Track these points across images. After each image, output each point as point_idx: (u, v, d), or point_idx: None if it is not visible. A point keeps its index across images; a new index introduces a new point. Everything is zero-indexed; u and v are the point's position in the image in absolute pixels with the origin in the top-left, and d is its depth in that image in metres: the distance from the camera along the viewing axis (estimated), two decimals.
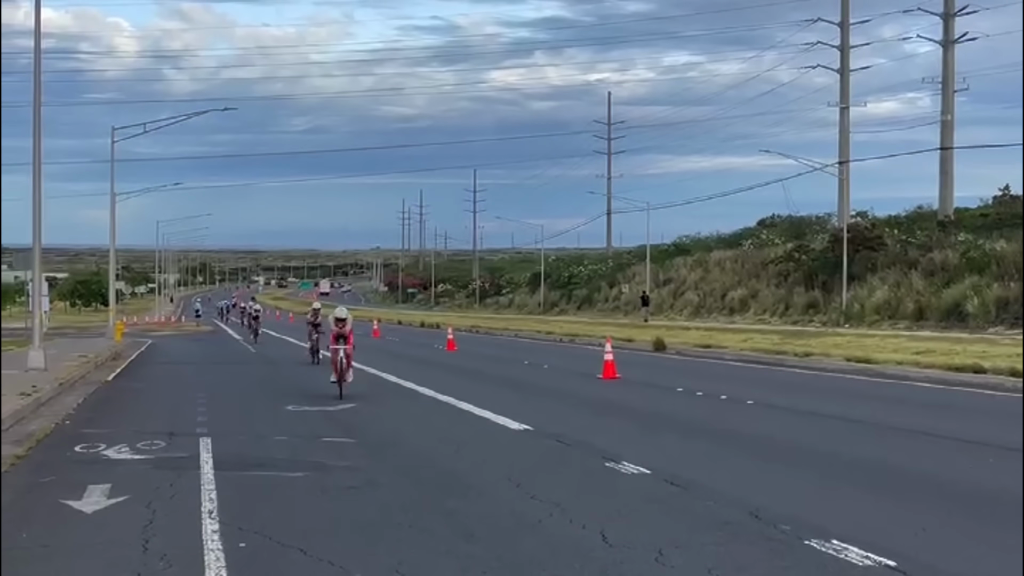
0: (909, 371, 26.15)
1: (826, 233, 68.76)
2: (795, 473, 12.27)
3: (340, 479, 11.79)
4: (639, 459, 12.69)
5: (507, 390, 23.85)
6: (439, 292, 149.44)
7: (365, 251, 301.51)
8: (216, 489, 11.08)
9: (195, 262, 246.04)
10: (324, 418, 18.13)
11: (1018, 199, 64.10)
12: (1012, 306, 48.71)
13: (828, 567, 7.77)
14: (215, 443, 14.58)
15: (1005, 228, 57.18)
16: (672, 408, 19.53)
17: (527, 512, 9.90)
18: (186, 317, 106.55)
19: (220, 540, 8.72)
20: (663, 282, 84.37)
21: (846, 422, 17.02)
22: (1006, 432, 15.45)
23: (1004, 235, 55.67)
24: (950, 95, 64.97)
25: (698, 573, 7.64)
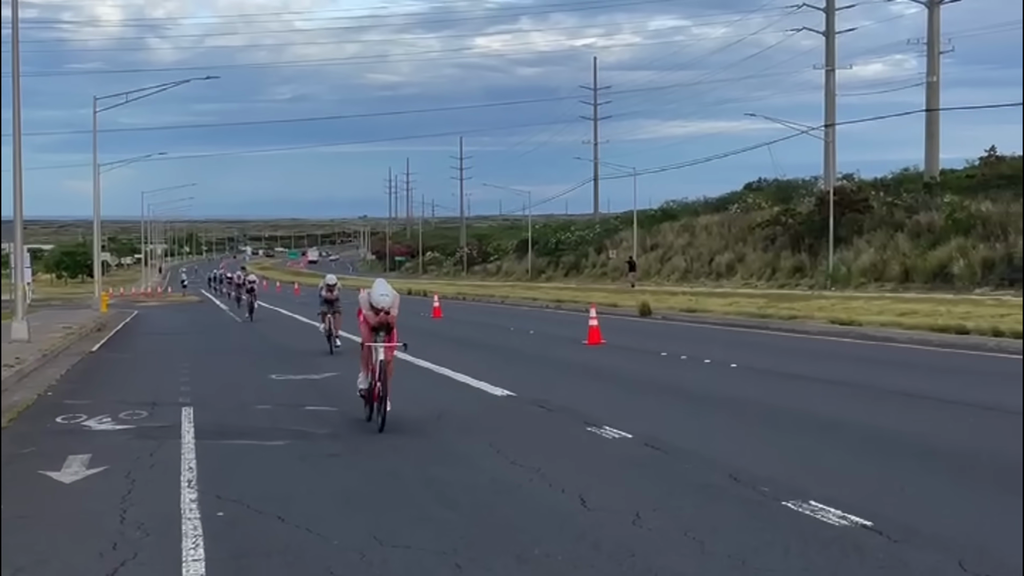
0: (893, 332, 26.21)
1: (812, 196, 68.73)
2: (776, 436, 12.29)
3: (321, 447, 11.78)
4: (621, 424, 12.70)
5: (491, 356, 23.85)
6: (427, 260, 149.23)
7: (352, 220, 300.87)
8: (196, 458, 11.06)
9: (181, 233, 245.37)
10: (307, 386, 18.11)
11: (1003, 160, 64.13)
12: (997, 267, 48.85)
13: (805, 528, 7.78)
14: (197, 412, 14.56)
15: (991, 189, 57.23)
16: (655, 373, 19.54)
17: (507, 478, 9.91)
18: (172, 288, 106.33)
19: (198, 509, 8.71)
20: (650, 247, 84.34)
21: (828, 384, 17.05)
22: (986, 392, 15.50)
23: (990, 196, 55.72)
24: (935, 56, 64.85)
25: (675, 535, 7.65)
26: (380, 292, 12.81)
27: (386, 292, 12.81)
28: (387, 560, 7.10)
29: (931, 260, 52.34)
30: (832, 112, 69.34)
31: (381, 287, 12.92)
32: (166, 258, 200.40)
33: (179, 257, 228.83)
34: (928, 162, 66.62)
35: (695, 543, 7.41)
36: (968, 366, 19.60)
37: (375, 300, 12.78)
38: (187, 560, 7.18)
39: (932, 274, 51.75)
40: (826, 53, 70.85)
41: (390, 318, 12.90)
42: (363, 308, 12.96)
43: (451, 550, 7.32)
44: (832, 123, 68.61)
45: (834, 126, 68.64)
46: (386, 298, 12.74)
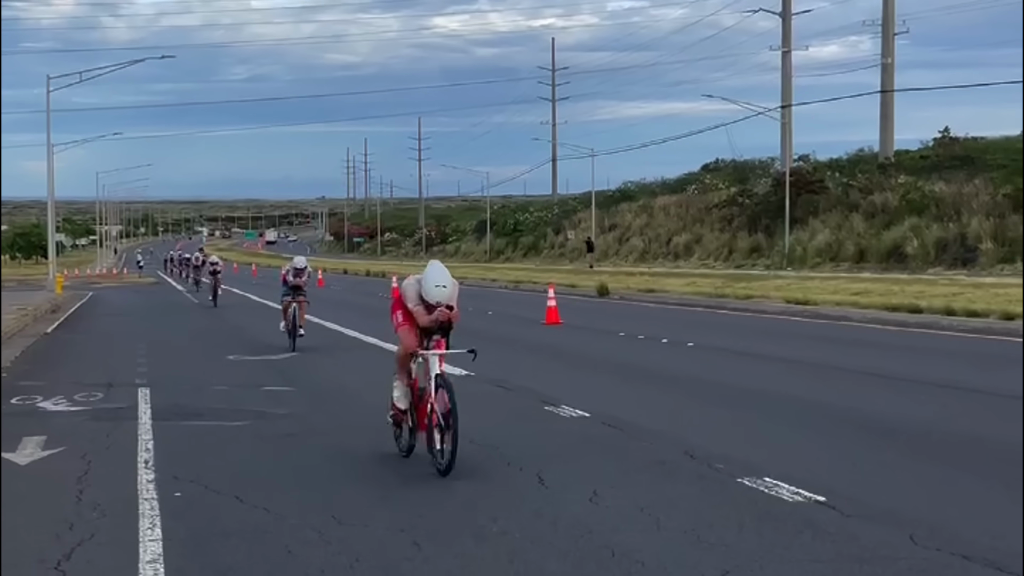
0: (848, 312, 26.48)
1: (769, 177, 69.14)
2: (732, 413, 12.40)
3: (279, 427, 11.77)
4: (578, 402, 12.77)
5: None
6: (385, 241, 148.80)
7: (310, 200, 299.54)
8: (153, 439, 11.03)
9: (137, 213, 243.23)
10: (265, 367, 18.06)
11: (957, 141, 64.76)
12: (951, 247, 49.40)
13: (759, 503, 7.88)
14: (154, 393, 14.49)
15: (944, 170, 57.81)
16: (613, 352, 19.64)
17: (465, 456, 9.92)
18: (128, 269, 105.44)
19: (155, 489, 8.69)
20: (608, 228, 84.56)
21: (784, 363, 17.21)
22: (939, 370, 15.71)
23: (943, 177, 56.30)
24: (890, 38, 65.29)
25: (631, 512, 7.72)
26: (435, 281, 9.28)
27: (443, 281, 9.32)
28: (345, 538, 7.13)
29: (885, 240, 52.85)
30: (788, 93, 69.70)
31: (436, 273, 9.35)
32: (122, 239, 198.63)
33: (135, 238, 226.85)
34: (883, 143, 67.14)
35: (651, 519, 7.49)
36: (921, 344, 19.85)
37: (429, 292, 9.28)
38: (144, 540, 7.17)
39: (887, 254, 52.26)
40: (782, 34, 71.15)
41: (452, 315, 9.43)
42: (408, 302, 9.49)
43: (409, 527, 7.35)
44: (788, 104, 68.98)
45: (790, 107, 69.02)
46: (444, 290, 9.29)
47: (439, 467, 9.02)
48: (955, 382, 14.29)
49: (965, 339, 20.44)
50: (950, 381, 14.38)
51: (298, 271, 21.48)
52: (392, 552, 6.81)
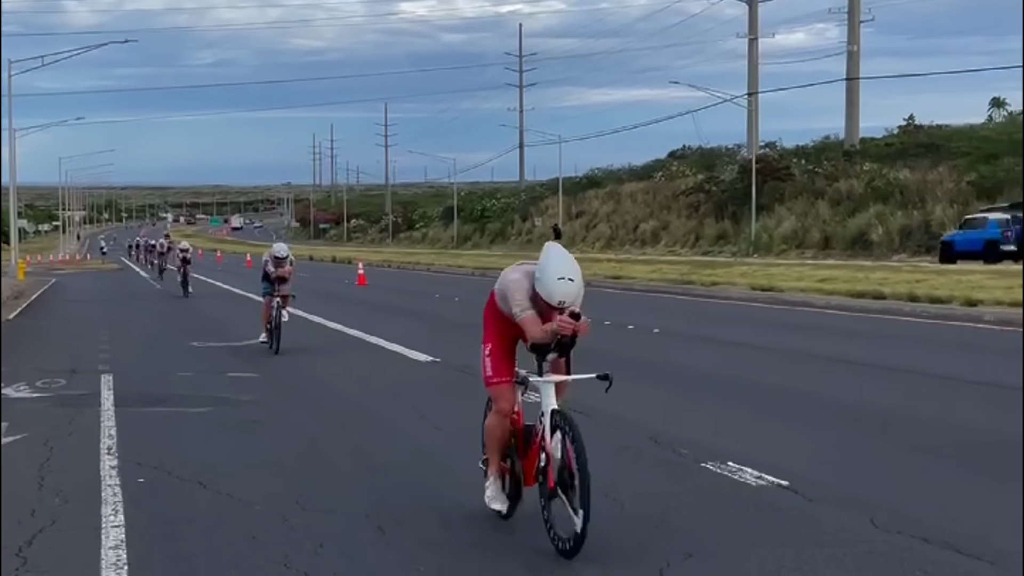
0: (812, 298, 26.64)
1: (735, 164, 69.41)
2: (696, 399, 12.46)
3: (244, 413, 11.73)
4: None
5: (416, 323, 23.84)
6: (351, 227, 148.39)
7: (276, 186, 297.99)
8: (116, 426, 10.96)
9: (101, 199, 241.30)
10: (230, 353, 17.98)
11: (921, 129, 65.23)
12: (915, 234, 49.78)
13: (723, 488, 7.92)
14: (117, 380, 14.40)
15: (909, 158, 58.23)
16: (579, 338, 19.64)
17: (430, 443, 9.95)
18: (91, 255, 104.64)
19: (118, 476, 8.64)
20: (576, 215, 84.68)
21: (748, 348, 17.29)
22: (903, 356, 15.84)
23: (908, 164, 56.71)
24: (856, 26, 65.61)
25: (596, 496, 7.68)
26: (558, 273, 6.51)
27: (568, 272, 6.54)
28: (310, 524, 7.11)
29: (851, 227, 53.21)
30: (755, 80, 69.97)
31: (559, 261, 6.61)
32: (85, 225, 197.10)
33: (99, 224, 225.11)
34: (848, 130, 67.53)
35: (615, 504, 7.51)
36: (884, 330, 19.99)
37: (548, 289, 6.48)
38: (106, 527, 7.13)
39: (851, 241, 52.63)
40: (749, 22, 71.40)
41: (580, 325, 6.66)
42: (514, 305, 6.70)
43: (374, 514, 7.34)
44: (755, 91, 69.24)
45: (757, 95, 69.29)
46: (570, 285, 6.50)
47: (560, 546, 6.37)
48: (917, 368, 14.41)
49: (928, 325, 20.62)
50: (912, 367, 14.50)
51: (278, 260, 18.20)
52: (356, 538, 6.80)
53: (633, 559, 6.28)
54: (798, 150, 70.64)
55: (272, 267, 18.13)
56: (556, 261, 6.61)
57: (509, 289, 6.79)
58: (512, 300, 6.75)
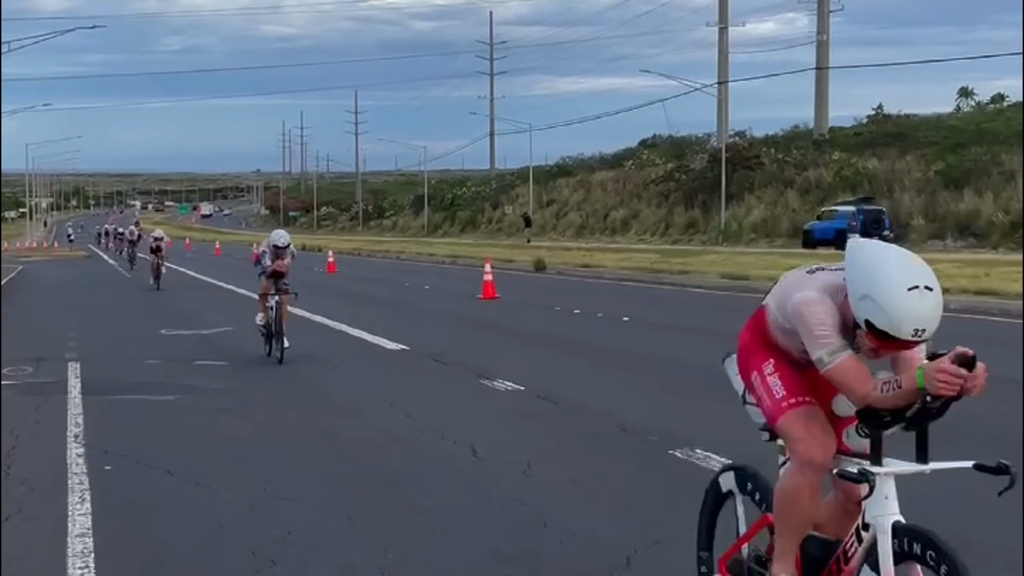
0: None
1: (705, 153, 69.59)
2: (665, 387, 12.51)
3: (212, 401, 11.69)
4: (513, 376, 12.80)
5: (386, 311, 23.81)
6: (322, 215, 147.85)
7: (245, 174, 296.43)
8: (83, 414, 10.90)
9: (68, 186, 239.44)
10: (198, 341, 17.91)
11: (890, 118, 65.60)
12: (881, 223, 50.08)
13: (691, 475, 7.95)
14: (84, 368, 14.31)
15: (878, 147, 58.54)
16: (549, 326, 19.70)
17: (400, 430, 9.95)
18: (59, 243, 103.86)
19: (85, 464, 8.60)
20: (546, 203, 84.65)
21: (717, 336, 17.34)
22: None
23: (876, 153, 57.01)
24: (825, 15, 65.89)
25: (564, 484, 7.78)
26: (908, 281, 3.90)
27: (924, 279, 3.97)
28: (278, 512, 7.10)
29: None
30: (725, 69, 70.13)
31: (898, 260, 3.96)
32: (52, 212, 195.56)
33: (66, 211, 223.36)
34: (817, 120, 67.83)
35: (584, 491, 7.54)
36: None
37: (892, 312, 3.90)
38: (73, 515, 7.09)
39: None
40: (719, 11, 71.53)
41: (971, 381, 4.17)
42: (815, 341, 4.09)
43: (343, 502, 7.34)
44: (725, 80, 69.41)
45: (727, 83, 69.46)
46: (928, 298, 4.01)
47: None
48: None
49: None
50: None
51: (279, 249, 15.34)
52: (324, 526, 6.80)
53: (600, 545, 6.30)
54: (768, 139, 70.90)
55: (270, 259, 15.35)
56: (896, 263, 3.90)
57: (802, 317, 4.11)
58: (809, 335, 4.07)
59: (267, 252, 15.44)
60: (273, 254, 15.35)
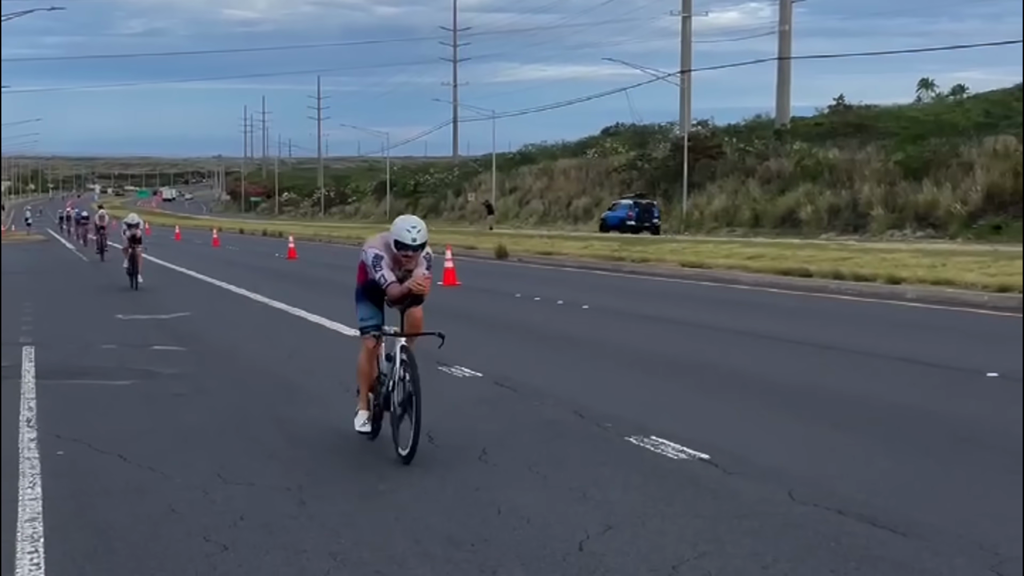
0: (739, 275, 26.90)
1: (668, 142, 69.82)
2: (622, 374, 12.55)
3: (167, 386, 11.61)
4: (472, 363, 12.79)
5: (345, 298, 23.57)
6: (283, 201, 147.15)
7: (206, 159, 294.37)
8: (36, 398, 10.80)
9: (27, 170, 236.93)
10: (155, 326, 17.78)
11: (851, 109, 66.02)
12: (843, 213, 50.43)
13: (645, 461, 8.00)
14: (39, 352, 14.18)
15: (839, 137, 58.92)
16: (509, 314, 19.72)
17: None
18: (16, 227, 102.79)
19: (37, 448, 8.53)
20: (509, 191, 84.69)
21: (675, 324, 17.44)
22: (824, 331, 16.06)
23: (837, 144, 57.38)
24: (788, 5, 66.20)
25: (519, 469, 7.79)
26: None
27: None
28: (230, 497, 7.07)
29: (780, 205, 53.79)
30: (688, 59, 70.34)
31: None
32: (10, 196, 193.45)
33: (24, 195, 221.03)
34: (779, 110, 68.22)
35: (539, 477, 7.56)
36: (809, 307, 20.26)
37: None
38: (23, 499, 7.03)
39: (781, 219, 53.21)
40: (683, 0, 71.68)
41: None
42: None
43: (296, 487, 7.32)
44: (688, 70, 69.61)
45: (689, 73, 69.65)
46: None
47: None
48: (839, 344, 14.62)
49: (852, 302, 20.92)
50: (834, 343, 14.71)
51: None
52: (277, 510, 6.77)
53: (553, 530, 6.32)
54: (730, 128, 71.23)
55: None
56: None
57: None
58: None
59: None
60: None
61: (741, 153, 62.08)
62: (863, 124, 60.72)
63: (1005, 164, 45.12)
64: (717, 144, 64.25)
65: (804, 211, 51.55)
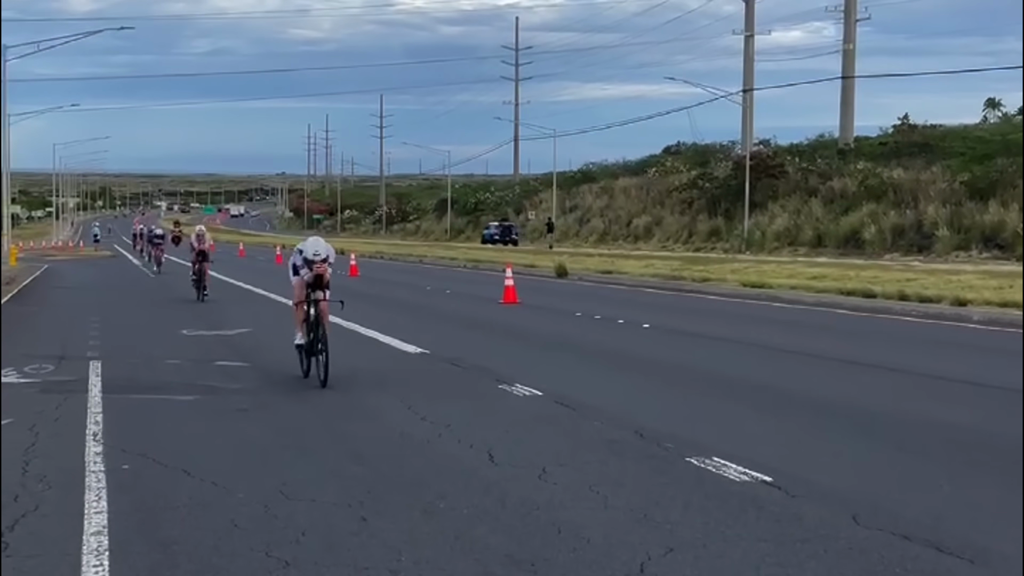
0: (802, 295, 26.67)
1: (729, 161, 69.39)
2: (683, 394, 12.48)
3: (231, 402, 11.72)
4: (532, 381, 12.79)
5: (407, 315, 23.84)
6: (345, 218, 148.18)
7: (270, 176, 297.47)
8: (103, 412, 10.95)
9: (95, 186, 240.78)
10: (220, 342, 17.97)
11: (916, 128, 65.29)
12: (907, 233, 49.83)
13: (706, 482, 7.94)
14: (105, 366, 14.39)
15: (903, 157, 58.27)
16: (569, 332, 19.68)
17: (416, 433, 9.95)
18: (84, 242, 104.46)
19: (103, 462, 8.64)
20: (569, 209, 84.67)
21: (736, 344, 17.31)
22: (889, 353, 15.87)
23: (902, 164, 56.74)
24: (852, 24, 65.67)
25: (579, 489, 7.76)
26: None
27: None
28: (292, 513, 7.11)
29: (843, 226, 53.24)
30: (750, 78, 69.99)
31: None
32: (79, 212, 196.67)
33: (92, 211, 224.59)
34: (843, 129, 67.61)
35: (599, 497, 7.52)
36: (872, 329, 20.02)
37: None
38: (89, 512, 7.13)
39: (844, 239, 52.66)
40: (746, 18, 71.42)
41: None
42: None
43: (357, 503, 7.35)
44: (750, 88, 69.26)
45: (752, 92, 69.29)
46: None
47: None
48: (903, 366, 14.44)
49: (916, 324, 20.65)
50: (899, 365, 14.52)
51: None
52: (338, 527, 6.81)
53: (614, 551, 6.29)
54: (792, 148, 70.65)
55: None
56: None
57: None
58: None
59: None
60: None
61: (804, 172, 61.58)
62: (928, 144, 60.00)
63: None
64: (779, 163, 63.78)
65: (868, 231, 50.99)
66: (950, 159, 54.84)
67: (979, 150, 54.28)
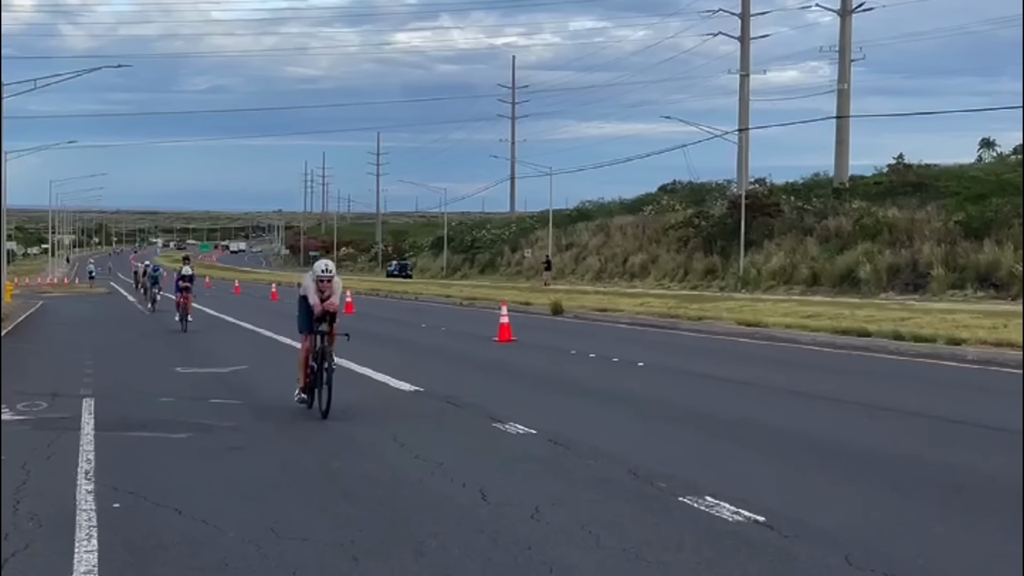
0: (797, 334, 26.66)
1: (725, 199, 69.53)
2: (677, 433, 12.46)
3: (223, 440, 11.69)
4: (526, 420, 12.78)
5: (402, 353, 23.81)
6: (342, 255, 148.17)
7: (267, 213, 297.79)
8: (95, 450, 10.92)
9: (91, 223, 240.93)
10: (213, 380, 17.94)
11: (911, 168, 65.52)
12: (902, 272, 49.89)
13: (699, 522, 7.92)
14: (98, 404, 14.35)
15: (898, 196, 58.44)
16: (564, 370, 19.67)
17: (409, 471, 9.93)
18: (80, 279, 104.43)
19: (94, 501, 8.61)
20: (566, 247, 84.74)
21: (731, 383, 17.30)
22: (883, 393, 15.86)
23: (897, 203, 56.89)
24: (847, 64, 66.04)
25: (572, 529, 7.74)
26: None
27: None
28: (283, 552, 7.09)
29: (839, 264, 53.28)
30: (746, 117, 70.28)
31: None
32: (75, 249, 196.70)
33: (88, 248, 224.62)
34: (838, 168, 67.82)
35: (591, 536, 7.50)
36: (867, 368, 20.02)
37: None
38: (79, 551, 7.10)
39: (839, 278, 52.69)
40: (741, 58, 71.78)
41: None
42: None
43: (349, 542, 7.32)
44: (746, 128, 69.53)
45: (748, 131, 69.57)
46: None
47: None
48: (898, 406, 14.43)
49: (912, 363, 20.65)
50: (894, 405, 14.51)
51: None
52: (330, 566, 6.78)
53: None
54: (788, 186, 70.84)
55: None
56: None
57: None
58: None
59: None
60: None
61: (799, 211, 61.72)
62: (923, 183, 60.18)
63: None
64: (775, 202, 63.93)
65: (863, 270, 51.05)
66: (945, 199, 55.00)
67: (974, 189, 54.44)
